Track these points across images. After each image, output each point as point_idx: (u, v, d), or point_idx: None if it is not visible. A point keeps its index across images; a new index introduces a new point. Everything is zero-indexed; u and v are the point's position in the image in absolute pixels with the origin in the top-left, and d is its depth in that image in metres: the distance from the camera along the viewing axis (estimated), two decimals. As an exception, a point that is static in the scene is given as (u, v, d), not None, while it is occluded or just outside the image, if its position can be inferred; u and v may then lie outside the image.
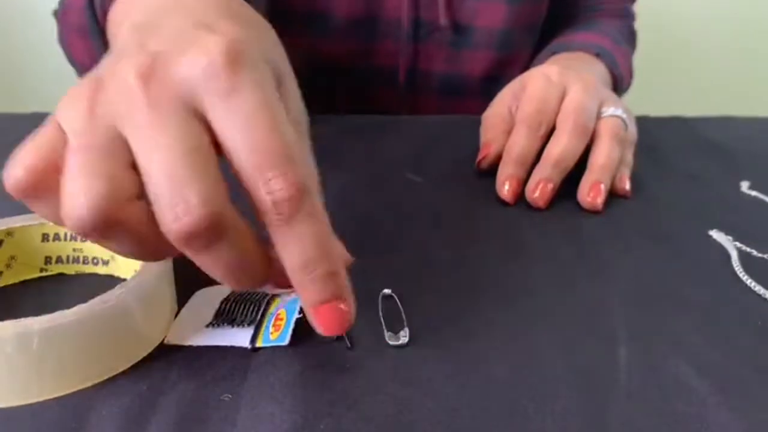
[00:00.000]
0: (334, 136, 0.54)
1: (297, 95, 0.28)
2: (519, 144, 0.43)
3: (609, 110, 0.45)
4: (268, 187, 0.23)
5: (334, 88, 0.66)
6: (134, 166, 0.23)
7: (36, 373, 0.26)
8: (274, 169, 0.23)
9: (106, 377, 0.27)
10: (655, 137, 0.55)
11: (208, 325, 0.30)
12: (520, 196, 0.43)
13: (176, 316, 0.31)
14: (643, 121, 0.58)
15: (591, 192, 0.42)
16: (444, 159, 0.50)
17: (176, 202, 0.22)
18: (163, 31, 0.25)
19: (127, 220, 0.23)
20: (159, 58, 0.23)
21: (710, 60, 1.45)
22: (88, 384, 0.27)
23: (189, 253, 0.24)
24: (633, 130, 0.47)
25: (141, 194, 0.23)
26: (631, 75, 0.66)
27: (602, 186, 0.42)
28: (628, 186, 0.44)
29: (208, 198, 0.22)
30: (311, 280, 0.25)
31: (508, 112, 0.48)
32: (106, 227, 0.22)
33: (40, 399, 0.26)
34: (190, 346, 0.30)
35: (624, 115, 0.45)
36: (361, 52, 0.64)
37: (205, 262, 0.24)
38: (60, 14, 0.53)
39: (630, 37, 0.70)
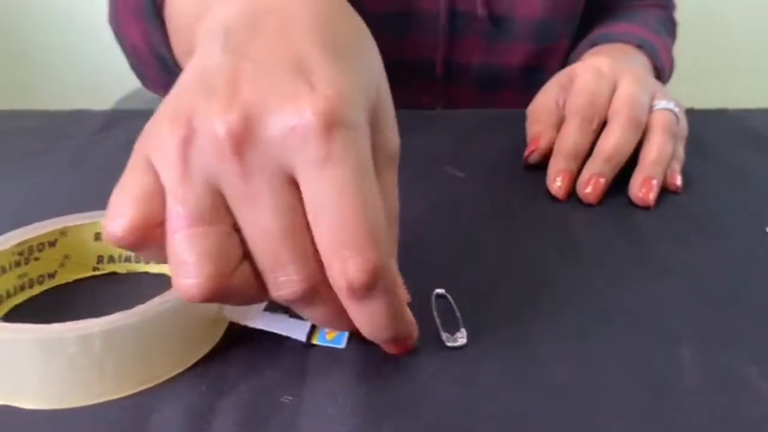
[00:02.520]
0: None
1: (391, 121, 0.28)
2: (571, 138, 0.43)
3: (661, 103, 0.44)
4: (345, 266, 0.23)
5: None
6: (236, 226, 0.23)
7: (98, 374, 0.26)
8: (353, 250, 0.22)
9: (166, 377, 0.27)
10: (701, 130, 0.53)
11: (266, 309, 0.30)
12: (572, 192, 0.42)
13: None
14: (692, 115, 0.57)
15: (643, 188, 0.41)
16: (485, 153, 0.49)
17: (278, 275, 0.24)
18: (257, 62, 0.23)
19: (235, 286, 0.23)
20: (252, 117, 0.22)
21: (751, 49, 1.42)
22: (149, 385, 0.27)
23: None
24: (684, 124, 0.46)
25: (246, 254, 0.24)
26: (672, 66, 0.65)
27: (654, 182, 0.41)
28: (679, 182, 0.43)
29: (306, 275, 0.23)
30: (382, 342, 0.26)
31: (555, 104, 0.47)
32: (217, 297, 0.23)
33: (101, 400, 0.26)
34: (246, 345, 0.29)
35: (676, 109, 0.44)
36: (396, 46, 0.63)
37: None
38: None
39: (671, 28, 0.68)
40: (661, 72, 0.60)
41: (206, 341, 0.29)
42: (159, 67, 0.49)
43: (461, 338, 0.30)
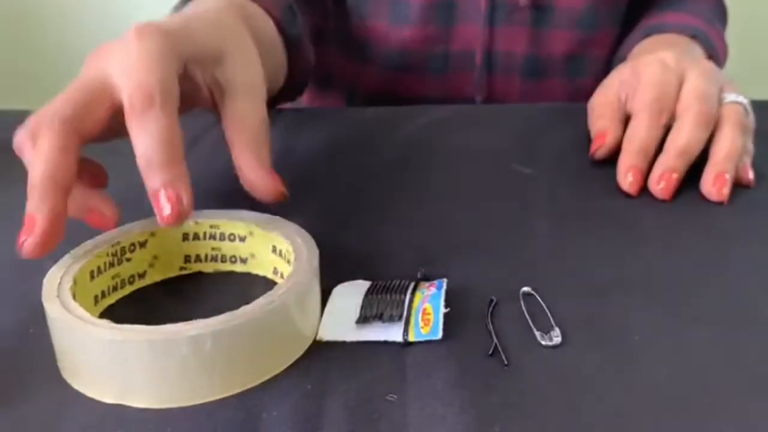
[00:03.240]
0: (422, 129, 0.53)
1: (242, 63, 0.37)
2: (641, 133, 0.42)
3: (730, 96, 0.43)
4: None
5: (409, 73, 0.65)
6: None
7: (208, 374, 0.26)
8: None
9: (269, 376, 0.28)
10: (764, 122, 0.53)
11: (357, 321, 0.30)
12: (644, 187, 0.42)
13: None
14: (760, 108, 0.56)
15: (716, 183, 0.41)
16: (549, 148, 0.49)
17: None
18: None
19: None
20: None
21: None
22: (254, 384, 0.27)
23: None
24: (752, 116, 0.46)
25: None
26: (726, 55, 0.64)
27: (727, 176, 0.41)
28: (751, 175, 0.43)
29: None
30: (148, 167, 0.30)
31: (617, 99, 0.47)
32: None
33: (209, 399, 0.27)
34: (343, 343, 0.30)
35: (745, 101, 0.44)
36: (439, 37, 0.63)
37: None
38: None
39: (722, 15, 0.67)
40: (717, 62, 0.59)
41: (305, 339, 0.30)
42: None
43: (556, 337, 0.30)
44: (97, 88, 0.32)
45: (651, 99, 0.43)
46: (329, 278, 0.34)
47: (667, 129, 0.43)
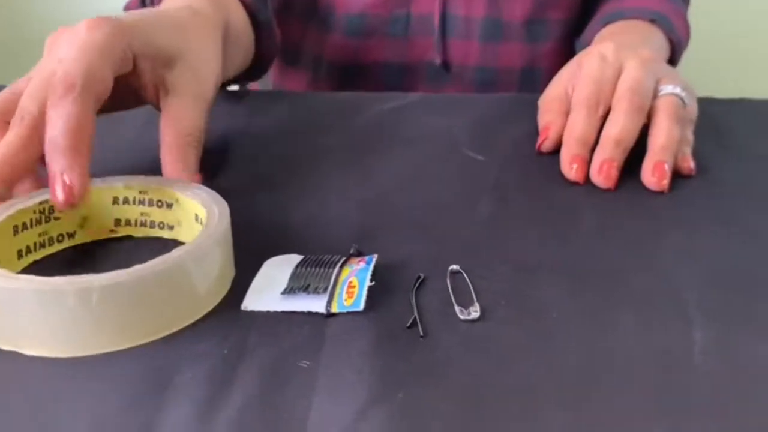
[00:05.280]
0: (382, 115, 0.53)
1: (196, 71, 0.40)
2: (579, 126, 0.43)
3: (667, 88, 0.44)
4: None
5: (372, 38, 0.66)
6: None
7: (95, 327, 0.27)
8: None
9: (163, 335, 0.29)
10: (723, 119, 0.53)
11: (283, 292, 0.31)
12: (588, 176, 0.42)
13: (233, 282, 0.32)
14: (710, 103, 0.57)
15: (655, 173, 0.41)
16: (504, 138, 0.49)
17: None
18: None
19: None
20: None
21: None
22: (147, 340, 0.28)
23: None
24: (693, 106, 0.46)
25: None
26: (688, 34, 0.65)
27: (666, 166, 0.41)
28: (691, 164, 0.43)
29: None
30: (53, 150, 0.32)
31: (565, 93, 0.47)
32: None
33: (100, 352, 0.28)
34: (267, 312, 0.30)
35: (682, 93, 0.44)
36: (400, 0, 0.64)
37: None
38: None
39: None
40: (677, 44, 0.60)
41: (205, 303, 0.30)
42: None
43: (475, 312, 0.30)
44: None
45: (587, 94, 0.44)
46: (266, 252, 0.34)
47: (605, 119, 0.43)
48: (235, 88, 0.69)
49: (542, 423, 0.25)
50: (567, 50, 0.66)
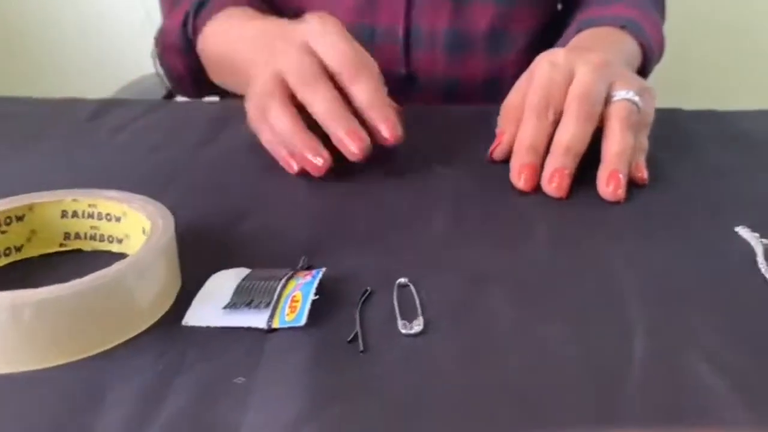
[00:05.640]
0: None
1: None
2: (528, 133, 0.43)
3: (620, 93, 0.44)
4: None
5: None
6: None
7: (28, 343, 0.27)
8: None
9: (103, 349, 0.28)
10: (688, 131, 0.53)
11: (225, 307, 0.31)
12: (538, 184, 0.42)
13: (179, 295, 0.32)
14: (676, 114, 0.57)
15: (610, 182, 0.41)
16: (467, 149, 0.49)
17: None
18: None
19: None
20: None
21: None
22: (83, 356, 0.28)
23: None
24: (648, 110, 0.46)
25: None
26: (662, 41, 0.65)
27: (620, 175, 0.41)
28: (645, 173, 0.43)
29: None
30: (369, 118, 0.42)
31: (521, 101, 0.47)
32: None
33: (33, 368, 0.27)
34: (208, 327, 0.30)
35: (635, 98, 0.44)
36: (365, 10, 0.64)
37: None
38: (161, 38, 0.63)
39: (659, 2, 0.68)
40: (649, 50, 0.60)
41: (146, 317, 0.30)
42: (191, 79, 0.64)
43: (417, 326, 0.30)
44: None
45: (536, 100, 0.43)
46: (215, 265, 0.34)
47: (557, 125, 0.43)
48: (214, 99, 0.69)
49: (473, 438, 0.25)
50: (531, 61, 0.67)
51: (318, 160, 0.41)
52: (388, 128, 0.42)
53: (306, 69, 0.42)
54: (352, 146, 0.41)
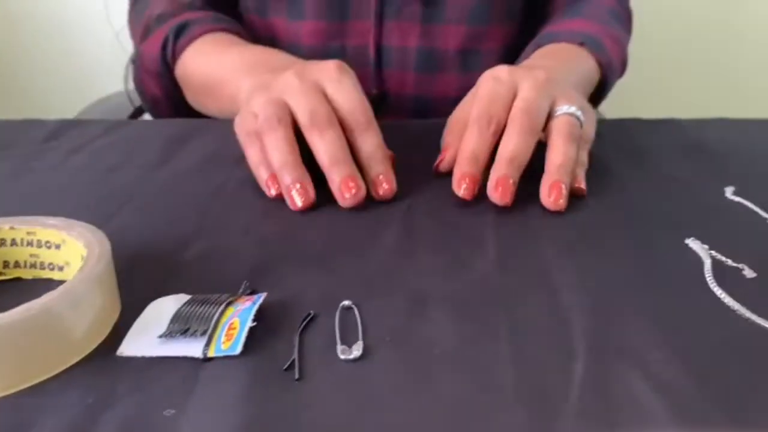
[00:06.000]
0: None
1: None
2: (471, 143, 0.43)
3: (562, 108, 0.44)
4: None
5: None
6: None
7: None
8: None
9: (32, 383, 0.28)
10: (645, 140, 0.53)
11: (161, 336, 0.30)
12: (478, 195, 0.42)
13: (117, 324, 0.32)
14: (634, 124, 0.57)
15: (552, 193, 0.41)
16: (420, 163, 0.49)
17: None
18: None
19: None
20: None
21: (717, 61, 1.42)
22: (13, 390, 0.27)
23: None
24: (589, 127, 0.47)
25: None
26: (623, 56, 0.65)
27: (562, 185, 0.42)
28: (583, 185, 0.44)
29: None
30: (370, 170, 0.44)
31: (467, 115, 0.47)
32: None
33: None
34: (143, 357, 0.30)
35: (578, 113, 0.44)
36: (335, 32, 0.64)
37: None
38: (138, 62, 0.66)
39: (623, 17, 0.68)
40: (607, 65, 0.60)
41: (77, 348, 0.30)
42: (168, 103, 0.66)
43: (356, 351, 0.30)
44: None
45: (479, 111, 0.44)
46: (157, 291, 0.34)
47: (500, 138, 0.43)
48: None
49: (403, 469, 0.24)
50: None
51: (300, 201, 0.42)
52: (386, 183, 0.43)
53: (319, 112, 0.43)
54: (347, 194, 0.42)
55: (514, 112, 0.43)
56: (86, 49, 1.34)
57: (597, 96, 0.63)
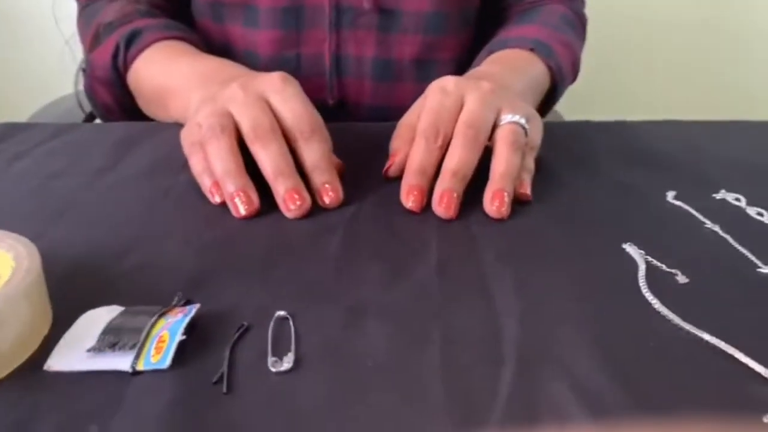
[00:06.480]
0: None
1: None
2: (418, 156, 0.44)
3: (507, 117, 0.45)
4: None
5: None
6: None
7: None
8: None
9: None
10: (590, 143, 0.54)
11: (89, 350, 0.30)
12: (425, 206, 0.43)
13: (47, 337, 0.31)
14: (580, 126, 0.58)
15: (494, 201, 0.42)
16: (370, 168, 0.49)
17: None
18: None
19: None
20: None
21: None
22: None
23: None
24: (535, 134, 0.48)
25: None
26: (574, 61, 0.66)
27: (505, 194, 0.42)
28: (528, 191, 0.44)
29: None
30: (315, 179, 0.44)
31: (415, 122, 0.48)
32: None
33: None
34: (70, 372, 0.29)
35: (522, 120, 0.45)
36: (290, 40, 0.64)
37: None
38: (88, 70, 0.64)
39: (576, 23, 0.69)
40: (557, 71, 0.61)
41: (5, 363, 0.29)
42: (119, 110, 0.66)
43: (287, 363, 0.30)
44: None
45: (426, 124, 0.45)
46: (91, 303, 0.33)
47: (446, 149, 0.44)
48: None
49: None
50: None
51: (244, 209, 0.42)
52: (332, 192, 0.44)
53: (262, 123, 0.43)
54: (292, 206, 0.42)
55: (459, 125, 0.44)
56: (36, 53, 1.32)
57: (548, 101, 0.63)
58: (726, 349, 0.31)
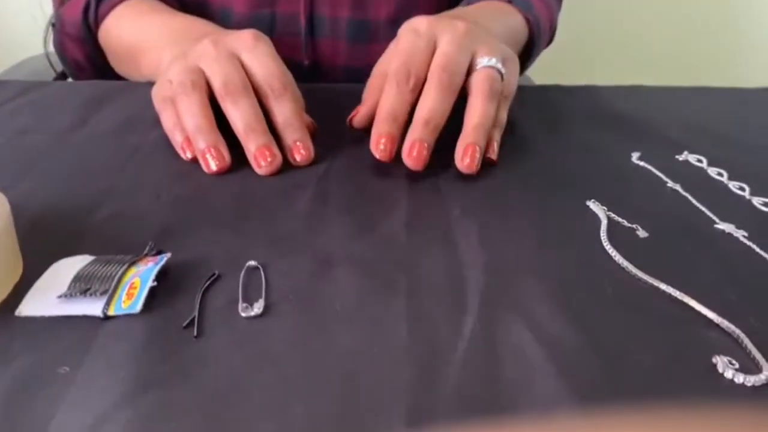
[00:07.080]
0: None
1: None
2: (389, 102, 0.43)
3: (483, 60, 0.44)
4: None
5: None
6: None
7: None
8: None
9: None
10: (560, 106, 0.55)
11: (60, 296, 0.30)
12: (397, 153, 0.42)
13: (18, 285, 0.31)
14: (551, 90, 0.59)
15: (466, 157, 0.41)
16: (344, 125, 0.50)
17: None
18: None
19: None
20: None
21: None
22: None
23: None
24: (511, 78, 0.46)
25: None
26: (552, 25, 0.66)
27: (477, 149, 0.42)
28: (495, 155, 0.44)
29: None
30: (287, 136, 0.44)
31: (387, 69, 0.47)
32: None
33: None
34: (43, 317, 0.30)
35: (498, 65, 0.44)
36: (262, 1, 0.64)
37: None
38: (58, 26, 0.63)
39: None
40: (535, 23, 0.61)
41: None
42: (91, 67, 0.65)
43: (257, 308, 0.31)
44: None
45: (397, 68, 0.43)
46: (63, 254, 0.33)
47: (420, 93, 0.43)
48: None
49: (290, 418, 0.25)
50: None
51: (215, 165, 0.42)
52: (303, 150, 0.44)
53: (233, 80, 0.43)
54: (263, 162, 0.42)
55: (433, 68, 0.43)
56: (7, 10, 1.29)
57: (525, 59, 0.64)
58: (680, 297, 0.33)
